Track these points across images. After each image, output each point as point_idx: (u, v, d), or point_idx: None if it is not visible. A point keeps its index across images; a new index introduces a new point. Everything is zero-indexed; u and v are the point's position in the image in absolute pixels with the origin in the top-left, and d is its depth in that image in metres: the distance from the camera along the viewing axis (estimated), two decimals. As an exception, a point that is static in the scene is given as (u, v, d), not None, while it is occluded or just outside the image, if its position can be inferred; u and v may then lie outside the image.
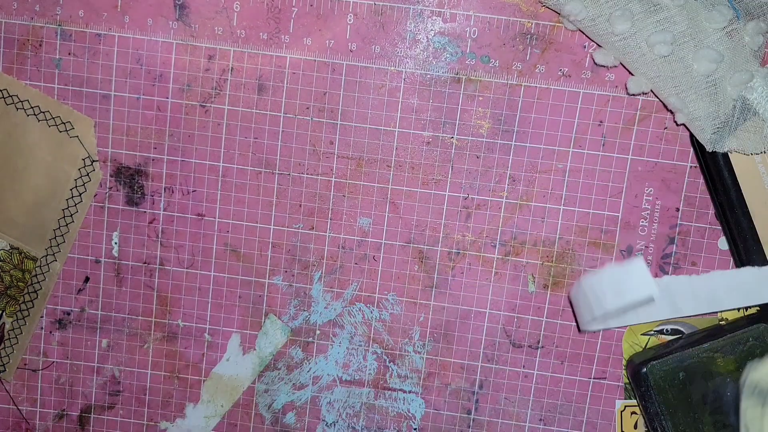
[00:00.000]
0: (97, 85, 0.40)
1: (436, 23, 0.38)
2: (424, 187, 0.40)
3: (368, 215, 0.41)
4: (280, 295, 0.42)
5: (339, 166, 0.40)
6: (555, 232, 0.40)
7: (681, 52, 0.34)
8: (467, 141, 0.39)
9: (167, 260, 0.42)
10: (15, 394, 0.44)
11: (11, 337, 0.43)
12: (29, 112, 0.40)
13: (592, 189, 0.39)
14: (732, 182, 0.36)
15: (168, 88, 0.40)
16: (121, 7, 0.39)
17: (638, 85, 0.36)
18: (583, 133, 0.39)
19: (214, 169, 0.41)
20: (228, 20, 0.39)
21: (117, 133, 0.40)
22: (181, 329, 0.42)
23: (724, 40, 0.34)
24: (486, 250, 0.40)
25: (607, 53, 0.36)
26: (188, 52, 0.39)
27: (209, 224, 0.41)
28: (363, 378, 0.42)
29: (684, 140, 0.38)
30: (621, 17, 0.34)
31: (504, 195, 0.40)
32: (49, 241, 0.42)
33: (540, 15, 0.38)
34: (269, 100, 0.40)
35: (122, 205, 0.41)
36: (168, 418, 0.43)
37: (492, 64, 0.38)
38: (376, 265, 0.41)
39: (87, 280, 0.42)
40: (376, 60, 0.39)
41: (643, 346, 0.40)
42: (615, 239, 0.40)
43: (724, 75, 0.34)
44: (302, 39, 0.39)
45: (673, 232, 0.39)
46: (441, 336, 0.41)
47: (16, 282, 0.42)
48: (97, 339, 0.43)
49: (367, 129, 0.40)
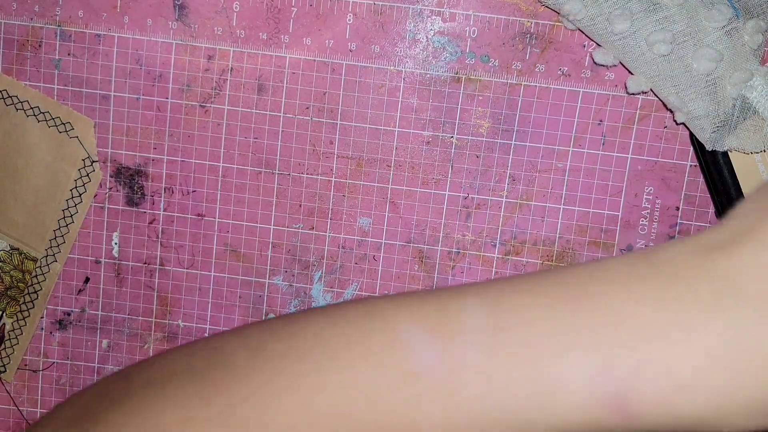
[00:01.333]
0: (97, 85, 0.40)
1: (435, 23, 0.38)
2: (424, 186, 0.40)
3: (368, 215, 0.41)
4: (281, 295, 0.42)
5: (339, 165, 0.40)
6: (555, 231, 0.40)
7: (680, 51, 0.34)
8: (467, 140, 0.39)
9: (167, 260, 0.42)
10: (15, 394, 0.44)
11: (11, 338, 0.43)
12: (29, 112, 0.40)
13: (592, 188, 0.39)
14: (732, 181, 0.36)
15: (168, 88, 0.40)
16: (120, 7, 0.39)
17: (638, 84, 0.36)
18: (582, 133, 0.39)
19: (214, 170, 0.41)
20: (227, 20, 0.39)
21: (117, 134, 0.40)
22: (182, 329, 0.42)
23: (723, 38, 0.34)
24: (486, 250, 0.40)
25: (607, 52, 0.36)
26: (188, 52, 0.39)
27: (209, 224, 0.41)
28: (363, 378, 0.42)
29: (684, 139, 0.38)
30: (620, 16, 0.34)
31: (504, 194, 0.40)
32: (49, 241, 0.42)
33: (539, 14, 0.38)
34: (269, 100, 0.40)
35: (122, 206, 0.41)
36: (168, 419, 0.43)
37: (492, 64, 0.38)
38: (377, 265, 0.41)
39: (87, 281, 0.42)
40: (375, 60, 0.39)
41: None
42: (615, 238, 0.40)
43: (724, 74, 0.34)
44: (302, 39, 0.39)
45: (674, 231, 0.39)
46: (441, 335, 0.41)
47: (16, 283, 0.42)
48: (97, 339, 0.43)
49: (366, 129, 0.40)
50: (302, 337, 0.20)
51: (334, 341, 0.20)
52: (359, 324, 0.20)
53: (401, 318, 0.19)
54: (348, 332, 0.20)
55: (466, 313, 0.19)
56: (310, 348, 0.20)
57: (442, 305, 0.20)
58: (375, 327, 0.20)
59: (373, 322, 0.20)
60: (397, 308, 0.20)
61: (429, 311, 0.19)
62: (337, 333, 0.20)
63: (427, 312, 0.19)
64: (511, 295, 0.19)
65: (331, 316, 0.21)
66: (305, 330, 0.21)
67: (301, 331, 0.21)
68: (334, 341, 0.20)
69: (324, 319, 0.21)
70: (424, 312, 0.19)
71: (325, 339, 0.20)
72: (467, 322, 0.19)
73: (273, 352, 0.20)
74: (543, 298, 0.18)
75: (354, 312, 0.20)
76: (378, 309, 0.20)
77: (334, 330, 0.20)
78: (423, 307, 0.20)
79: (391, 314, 0.20)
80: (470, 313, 0.19)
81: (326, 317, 0.21)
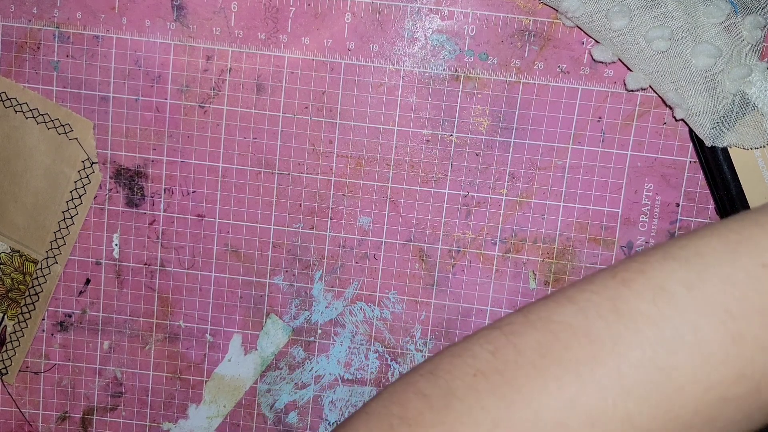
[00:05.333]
0: (96, 86, 0.40)
1: (434, 21, 0.38)
2: (423, 185, 0.40)
3: (368, 214, 0.41)
4: (281, 294, 0.42)
5: (338, 165, 0.40)
6: (555, 228, 0.40)
7: (679, 47, 0.34)
8: (466, 139, 0.39)
9: (168, 261, 0.42)
10: (17, 396, 0.44)
11: (13, 340, 0.43)
12: (28, 114, 0.40)
13: (592, 185, 0.39)
14: (732, 177, 0.36)
15: (166, 89, 0.40)
16: (118, 8, 0.39)
17: (637, 80, 0.36)
18: (582, 130, 0.39)
19: (214, 170, 0.41)
20: (226, 20, 0.39)
21: (116, 135, 0.40)
22: (183, 330, 0.42)
23: (722, 34, 0.34)
24: (486, 248, 0.40)
25: (606, 49, 0.36)
26: (186, 52, 0.39)
27: (209, 225, 0.41)
28: (365, 377, 0.42)
29: (683, 135, 0.38)
30: (618, 13, 0.34)
31: (504, 192, 0.40)
32: (49, 243, 0.42)
33: (538, 12, 0.38)
34: (268, 99, 0.40)
35: (122, 207, 0.41)
36: (170, 419, 0.43)
37: (490, 62, 0.38)
38: (377, 264, 0.41)
39: (88, 282, 0.42)
40: (374, 59, 0.39)
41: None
42: (615, 235, 0.40)
43: (723, 70, 0.34)
44: (300, 38, 0.39)
45: (674, 228, 0.39)
46: (442, 334, 0.41)
47: (17, 285, 0.42)
48: (98, 341, 0.43)
49: (366, 128, 0.40)
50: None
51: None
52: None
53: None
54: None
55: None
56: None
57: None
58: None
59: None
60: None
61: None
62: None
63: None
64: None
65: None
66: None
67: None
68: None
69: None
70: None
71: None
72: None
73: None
74: None
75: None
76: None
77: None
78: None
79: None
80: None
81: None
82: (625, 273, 0.22)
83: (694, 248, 0.22)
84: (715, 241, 0.21)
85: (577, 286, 0.23)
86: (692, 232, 0.23)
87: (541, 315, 0.22)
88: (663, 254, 0.22)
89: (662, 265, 0.21)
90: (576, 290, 0.22)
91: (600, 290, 0.22)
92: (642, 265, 0.22)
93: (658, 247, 0.23)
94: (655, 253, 0.22)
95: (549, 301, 0.23)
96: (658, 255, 0.22)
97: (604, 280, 0.22)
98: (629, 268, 0.22)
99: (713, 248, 0.21)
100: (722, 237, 0.21)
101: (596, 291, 0.22)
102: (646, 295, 0.21)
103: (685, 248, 0.22)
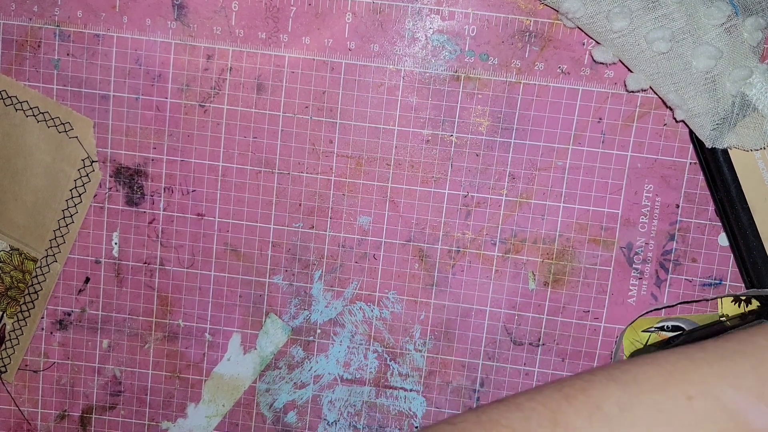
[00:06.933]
0: (96, 85, 0.40)
1: (434, 21, 0.38)
2: (423, 185, 0.40)
3: (368, 214, 0.41)
4: (281, 294, 0.42)
5: (338, 164, 0.40)
6: (555, 229, 0.40)
7: (680, 48, 0.34)
8: (466, 139, 0.39)
9: (167, 260, 0.42)
10: (16, 395, 0.44)
11: (12, 338, 0.43)
12: (28, 113, 0.40)
13: (592, 186, 0.39)
14: (732, 178, 0.36)
15: (167, 88, 0.40)
16: (119, 7, 0.39)
17: (637, 81, 0.36)
18: (582, 131, 0.39)
19: (214, 169, 0.41)
20: (226, 20, 0.39)
21: (116, 134, 0.40)
22: (182, 329, 0.42)
23: (722, 36, 0.34)
24: (486, 248, 0.40)
25: (606, 50, 0.36)
26: (187, 52, 0.39)
27: (209, 224, 0.41)
28: (364, 377, 0.42)
29: (683, 137, 0.38)
30: (619, 14, 0.34)
31: (504, 193, 0.40)
32: (49, 241, 0.42)
33: (538, 12, 0.38)
34: (268, 99, 0.40)
35: (122, 206, 0.41)
36: (169, 418, 0.43)
37: (491, 62, 0.38)
38: (377, 264, 0.41)
39: (87, 281, 0.42)
40: (374, 59, 0.39)
41: (644, 343, 0.40)
42: (615, 236, 0.40)
43: (723, 71, 0.34)
44: (301, 38, 0.39)
45: (673, 229, 0.39)
46: (442, 334, 0.41)
47: (16, 283, 0.42)
48: (97, 339, 0.43)
49: (366, 128, 0.40)
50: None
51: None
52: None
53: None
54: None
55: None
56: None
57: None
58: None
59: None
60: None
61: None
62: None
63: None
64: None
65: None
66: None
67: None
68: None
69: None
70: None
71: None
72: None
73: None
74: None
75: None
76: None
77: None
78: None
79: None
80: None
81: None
82: (570, 389, 0.24)
83: (633, 374, 0.24)
84: (652, 370, 0.24)
85: (528, 394, 0.25)
86: (637, 358, 0.25)
87: (492, 417, 0.24)
88: (606, 376, 0.24)
89: (603, 386, 0.24)
90: (525, 398, 0.24)
91: (545, 402, 0.24)
92: (585, 383, 0.24)
93: (604, 368, 0.25)
94: (600, 373, 0.25)
95: (501, 405, 0.25)
96: (602, 376, 0.24)
97: (551, 393, 0.24)
98: (574, 384, 0.24)
99: (649, 376, 0.24)
100: (659, 367, 0.24)
101: (542, 402, 0.24)
102: (583, 413, 0.23)
103: (626, 372, 0.24)
